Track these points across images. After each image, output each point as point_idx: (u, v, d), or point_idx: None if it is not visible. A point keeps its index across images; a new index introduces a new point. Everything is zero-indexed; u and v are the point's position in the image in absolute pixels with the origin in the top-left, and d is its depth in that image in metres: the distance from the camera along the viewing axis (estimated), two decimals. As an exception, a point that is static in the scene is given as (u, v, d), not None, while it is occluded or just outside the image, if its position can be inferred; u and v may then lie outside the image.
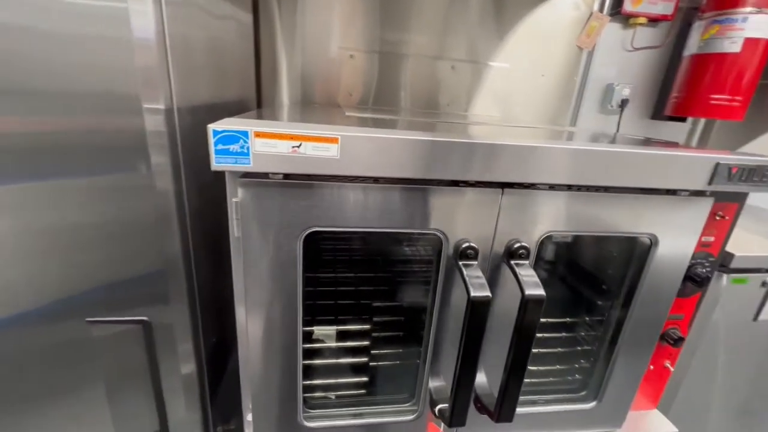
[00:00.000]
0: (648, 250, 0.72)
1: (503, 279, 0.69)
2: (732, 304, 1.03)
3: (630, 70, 1.58)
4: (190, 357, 0.81)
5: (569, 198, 0.65)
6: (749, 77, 1.34)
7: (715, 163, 0.64)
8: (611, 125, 1.63)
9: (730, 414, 1.25)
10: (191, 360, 0.81)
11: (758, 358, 1.16)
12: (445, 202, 0.62)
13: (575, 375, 0.91)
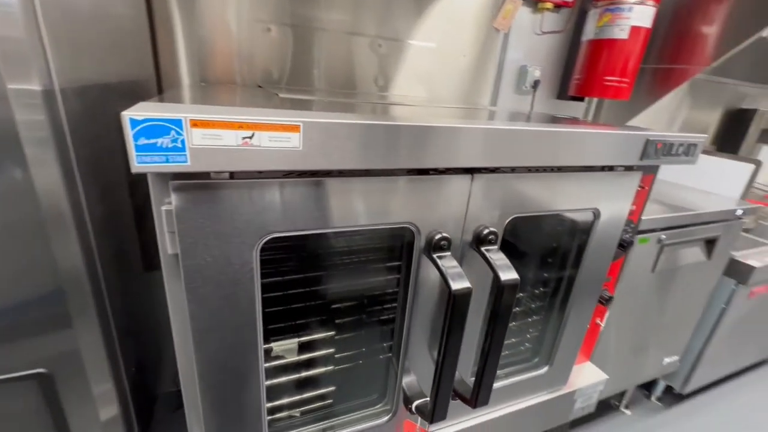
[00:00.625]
0: (592, 222, 0.77)
1: (470, 265, 0.68)
2: (638, 260, 1.20)
3: (539, 53, 1.70)
4: (109, 398, 0.66)
5: (529, 180, 0.66)
6: (634, 61, 1.54)
7: (645, 140, 0.71)
8: (525, 104, 1.75)
9: (630, 351, 1.48)
10: (112, 401, 0.66)
11: (652, 302, 1.38)
12: (418, 192, 0.57)
13: (526, 345, 0.96)
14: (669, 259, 1.28)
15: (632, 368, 1.55)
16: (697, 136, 0.77)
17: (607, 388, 1.55)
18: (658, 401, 1.86)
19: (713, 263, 1.43)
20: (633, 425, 1.72)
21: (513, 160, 0.61)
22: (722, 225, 1.34)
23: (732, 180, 1.53)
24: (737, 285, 1.52)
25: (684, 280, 1.39)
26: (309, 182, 0.50)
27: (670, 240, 1.23)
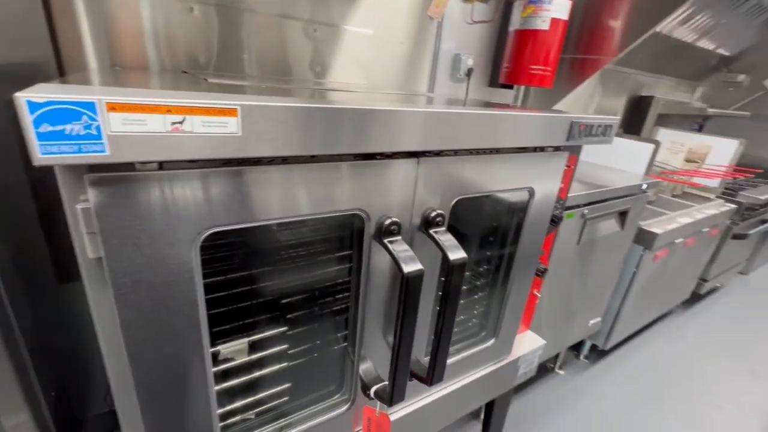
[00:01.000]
0: (528, 201, 0.82)
1: (420, 248, 0.69)
2: (565, 234, 1.32)
3: (471, 42, 1.76)
4: (26, 429, 0.58)
5: (471, 162, 0.68)
6: (555, 51, 1.66)
7: (570, 122, 0.77)
8: (461, 92, 1.81)
9: (561, 316, 1.64)
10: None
11: (578, 271, 1.53)
12: (366, 178, 0.57)
13: (475, 320, 1.01)
14: (591, 231, 1.43)
15: (564, 332, 1.72)
16: (612, 118, 0.85)
17: (544, 353, 1.71)
18: (585, 359, 2.08)
19: (625, 233, 1.63)
20: (566, 383, 1.91)
21: (456, 143, 0.62)
22: (632, 198, 1.52)
23: (637, 159, 1.74)
24: (644, 250, 1.75)
25: (603, 249, 1.56)
26: (251, 171, 0.47)
27: (591, 214, 1.36)
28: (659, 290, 2.09)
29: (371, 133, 0.52)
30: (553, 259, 1.34)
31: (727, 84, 3.08)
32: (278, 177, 0.49)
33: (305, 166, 0.51)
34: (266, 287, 0.70)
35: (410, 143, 0.57)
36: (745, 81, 3.00)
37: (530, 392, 1.83)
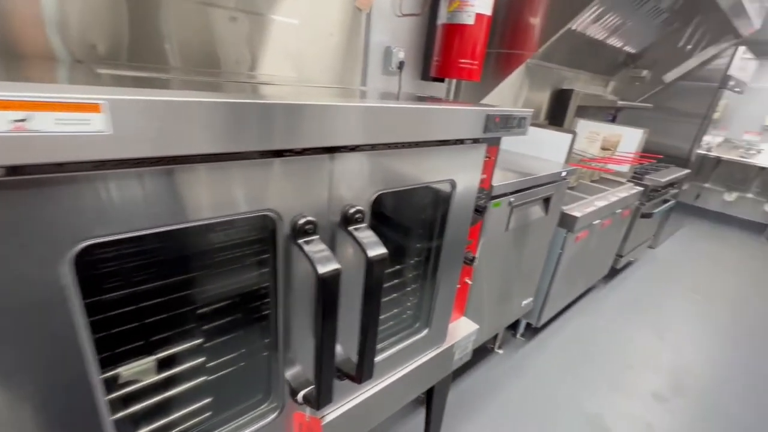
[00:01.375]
0: (450, 193, 0.84)
1: (340, 245, 0.68)
2: (494, 222, 1.39)
3: (402, 35, 1.77)
4: None
5: (390, 156, 0.68)
6: (481, 46, 1.72)
7: (486, 115, 0.79)
8: (393, 85, 1.82)
9: (497, 299, 1.73)
10: None
11: (509, 255, 1.62)
12: (274, 176, 0.53)
13: (408, 312, 1.03)
14: (518, 218, 1.51)
15: (501, 314, 1.81)
16: (525, 110, 0.90)
17: (483, 335, 1.80)
18: (522, 337, 2.22)
19: (550, 217, 1.74)
20: (504, 362, 2.03)
21: (372, 138, 0.61)
22: (553, 185, 1.63)
23: (558, 148, 1.87)
24: (567, 233, 1.89)
25: (530, 234, 1.66)
26: (131, 174, 0.42)
27: (517, 202, 1.44)
28: (582, 268, 2.29)
29: (277, 129, 0.49)
30: (483, 247, 1.40)
31: (633, 79, 3.41)
32: (166, 179, 0.45)
33: (199, 167, 0.47)
34: (176, 298, 0.65)
35: (322, 138, 0.55)
36: (648, 76, 3.35)
37: (473, 373, 1.91)
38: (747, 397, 1.95)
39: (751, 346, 2.38)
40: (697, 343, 2.34)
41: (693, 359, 2.20)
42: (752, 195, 4.65)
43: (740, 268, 3.54)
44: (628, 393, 1.89)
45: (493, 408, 1.73)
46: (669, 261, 3.50)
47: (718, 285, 3.15)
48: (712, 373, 2.10)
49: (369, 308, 0.64)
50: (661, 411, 1.81)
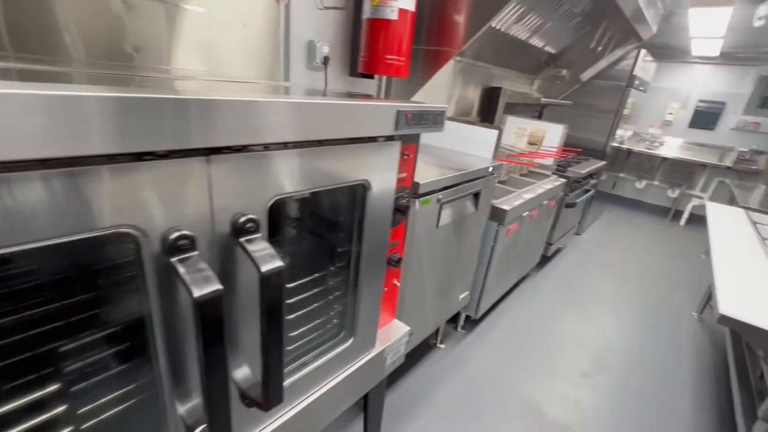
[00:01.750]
0: (365, 194, 0.79)
1: (238, 259, 0.60)
2: (423, 220, 1.37)
3: (326, 29, 1.70)
4: None
5: (289, 157, 0.61)
6: (406, 42, 1.70)
7: (396, 111, 0.75)
8: (319, 81, 1.74)
9: (435, 295, 1.73)
10: None
11: (443, 252, 1.63)
12: (133, 186, 0.44)
13: (333, 321, 0.97)
14: (448, 214, 1.51)
15: (440, 309, 1.82)
16: (440, 106, 0.87)
17: (424, 331, 1.80)
18: (462, 330, 2.27)
19: (480, 212, 1.78)
20: (447, 355, 2.05)
21: (261, 137, 0.54)
22: (482, 181, 1.66)
23: (487, 144, 1.91)
24: (498, 226, 1.95)
25: (462, 229, 1.68)
26: None
27: (446, 199, 1.44)
28: (515, 258, 2.39)
29: (133, 128, 0.41)
30: (415, 244, 1.38)
31: (555, 77, 3.64)
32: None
33: (30, 175, 0.37)
34: (23, 339, 0.53)
35: (196, 138, 0.47)
36: (567, 75, 3.59)
37: (416, 370, 1.91)
38: (654, 369, 2.15)
39: (656, 319, 2.64)
40: (615, 321, 2.56)
41: (613, 336, 2.39)
42: (657, 182, 5.21)
43: (649, 249, 3.95)
44: (559, 374, 2.01)
45: (436, 404, 1.73)
46: (592, 246, 3.80)
47: (631, 265, 3.47)
48: (627, 348, 2.29)
49: (269, 328, 0.57)
50: (586, 387, 1.94)
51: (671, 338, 2.44)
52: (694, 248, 4.12)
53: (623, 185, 5.57)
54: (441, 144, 2.02)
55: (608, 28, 3.05)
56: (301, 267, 0.91)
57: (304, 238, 0.91)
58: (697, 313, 2.73)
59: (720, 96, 4.73)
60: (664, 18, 3.32)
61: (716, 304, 1.19)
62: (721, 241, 1.80)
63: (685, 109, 4.97)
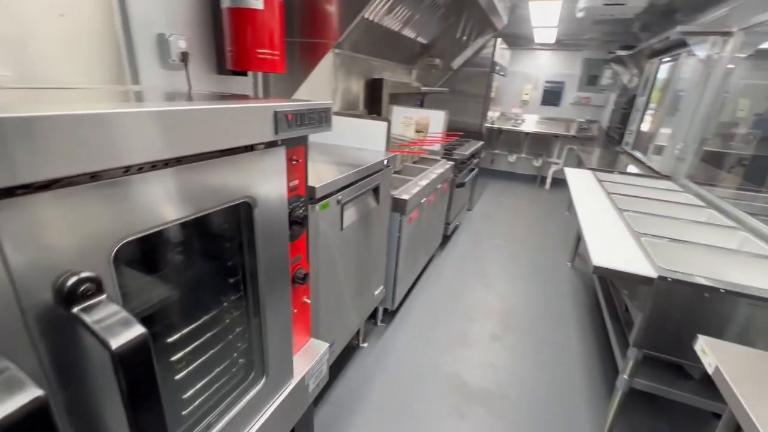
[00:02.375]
0: (251, 212, 0.67)
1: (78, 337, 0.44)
2: (326, 225, 1.29)
3: (180, 20, 1.45)
4: None
5: (140, 184, 0.46)
6: (278, 33, 1.56)
7: (274, 112, 0.65)
8: (180, 82, 1.49)
9: (351, 298, 1.67)
10: None
11: (352, 253, 1.57)
12: None
13: (239, 362, 0.83)
14: (351, 214, 1.45)
15: (358, 309, 1.77)
16: (325, 103, 0.79)
17: (346, 337, 1.73)
18: (382, 323, 2.26)
19: (382, 205, 1.76)
20: (371, 353, 2.03)
21: (84, 164, 0.39)
22: (379, 174, 1.64)
23: (378, 136, 1.90)
24: (401, 216, 1.96)
25: (368, 225, 1.64)
26: None
27: (346, 198, 1.37)
28: (420, 243, 2.46)
29: None
30: (322, 252, 1.29)
31: (430, 66, 3.85)
32: None
33: None
34: None
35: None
36: (441, 64, 3.83)
37: (344, 376, 1.83)
38: (544, 316, 2.47)
39: (541, 274, 3.04)
40: (510, 283, 2.86)
41: (511, 297, 2.66)
42: (524, 155, 6.00)
43: (526, 213, 4.53)
44: (474, 344, 2.15)
45: (369, 405, 1.69)
46: (482, 218, 4.18)
47: (515, 229, 3.93)
48: (523, 304, 2.58)
49: (139, 413, 0.42)
50: (499, 349, 2.11)
51: (554, 288, 2.82)
52: (559, 207, 4.85)
53: (499, 160, 6.27)
54: (331, 141, 1.94)
55: (469, 19, 3.31)
56: (187, 311, 0.75)
57: (186, 272, 0.74)
58: (570, 263, 3.22)
59: (560, 77, 5.62)
60: (511, 10, 3.76)
61: (589, 258, 1.37)
62: (581, 201, 2.11)
63: (537, 90, 5.78)
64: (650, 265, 1.32)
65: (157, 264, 0.70)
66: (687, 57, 3.05)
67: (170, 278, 0.75)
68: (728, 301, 1.19)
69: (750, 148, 2.55)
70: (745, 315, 1.19)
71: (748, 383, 0.77)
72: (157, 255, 0.71)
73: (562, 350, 2.14)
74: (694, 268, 1.48)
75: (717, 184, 2.54)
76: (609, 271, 1.32)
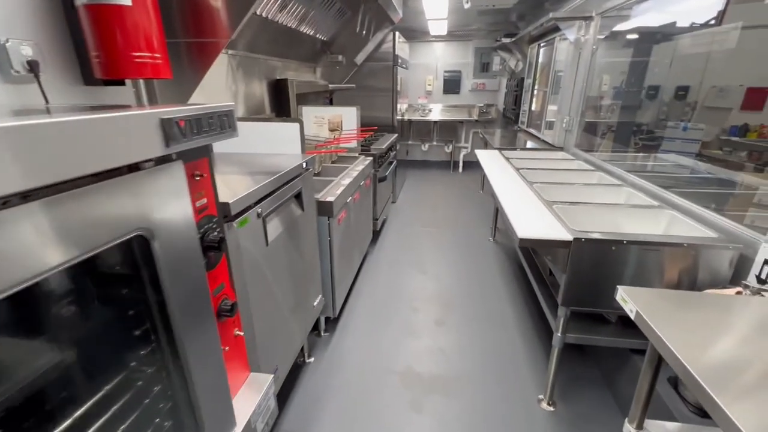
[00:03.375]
0: (149, 247, 0.54)
1: None
2: (249, 243, 1.15)
3: (20, 22, 1.17)
4: None
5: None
6: (157, 33, 1.35)
7: (159, 120, 0.53)
8: (33, 96, 1.21)
9: (290, 315, 1.55)
10: None
11: (283, 268, 1.44)
12: None
13: (166, 425, 0.68)
14: (275, 225, 1.33)
15: (300, 326, 1.65)
16: (224, 105, 0.68)
17: (290, 358, 1.60)
18: (326, 332, 2.16)
19: (308, 212, 1.66)
20: (318, 367, 1.92)
21: None
22: (299, 179, 1.53)
23: (291, 139, 1.78)
24: (329, 219, 1.88)
25: (296, 234, 1.53)
26: None
27: (267, 209, 1.25)
28: (353, 243, 2.41)
29: None
30: (250, 274, 1.15)
31: (333, 63, 3.78)
32: None
33: None
34: None
35: None
36: (344, 60, 3.78)
37: (293, 400, 1.70)
38: (479, 292, 2.61)
39: (468, 252, 3.21)
40: (443, 265, 2.95)
41: (446, 279, 2.75)
42: (436, 143, 6.28)
43: (445, 197, 4.74)
44: (420, 333, 2.17)
45: (324, 423, 1.59)
46: (407, 208, 4.27)
47: (437, 213, 4.09)
48: (458, 284, 2.69)
49: None
50: (444, 333, 2.16)
51: (482, 263, 2.99)
52: (472, 187, 5.18)
53: (413, 150, 6.47)
54: (241, 149, 1.77)
55: (366, 13, 3.30)
56: (81, 384, 0.58)
57: (73, 333, 0.58)
58: (492, 238, 3.44)
59: (456, 66, 5.97)
60: (405, 3, 3.85)
61: (514, 232, 1.45)
62: (496, 180, 2.24)
63: (438, 80, 6.06)
64: (565, 229, 1.43)
65: (31, 327, 0.53)
66: (560, 41, 3.44)
67: (53, 343, 0.58)
68: (630, 250, 1.35)
69: (615, 116, 2.98)
70: (642, 258, 1.36)
71: (662, 320, 0.87)
72: (29, 316, 0.54)
73: (500, 321, 2.27)
74: (598, 225, 1.66)
75: (598, 149, 2.92)
76: (533, 241, 1.40)
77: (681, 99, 2.29)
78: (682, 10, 2.24)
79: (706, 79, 2.11)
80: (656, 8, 2.39)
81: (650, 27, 2.51)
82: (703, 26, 2.11)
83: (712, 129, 2.07)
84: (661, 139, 2.33)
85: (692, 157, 2.09)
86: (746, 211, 1.54)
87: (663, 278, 1.37)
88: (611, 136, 2.99)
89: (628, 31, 2.72)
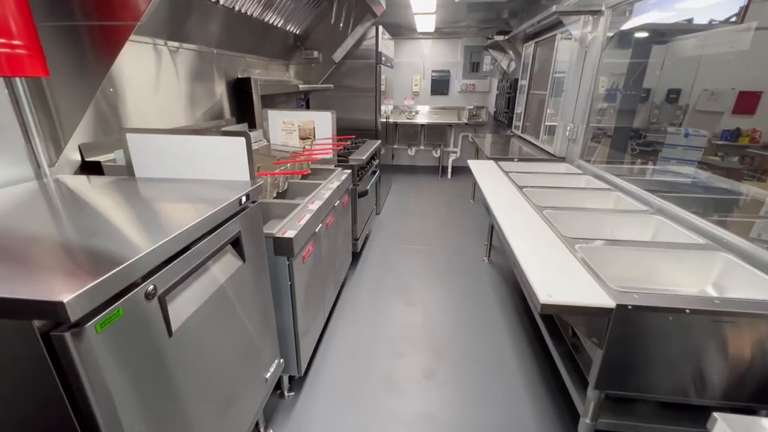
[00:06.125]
0: None
1: None
2: (127, 344, 0.73)
3: None
4: None
5: None
6: (15, 13, 0.92)
7: None
8: None
9: (226, 404, 1.13)
10: None
11: (210, 353, 1.03)
12: None
13: None
14: (189, 301, 0.90)
15: (244, 409, 1.23)
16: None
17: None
18: (290, 394, 1.75)
19: (254, 259, 1.24)
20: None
21: None
22: (237, 220, 1.11)
23: (238, 157, 1.34)
24: (290, 259, 1.46)
25: (233, 296, 1.11)
26: None
27: (169, 281, 0.82)
28: (324, 278, 1.99)
29: None
30: (124, 395, 0.73)
31: (309, 61, 3.35)
32: None
33: None
34: None
35: None
36: (320, 57, 3.35)
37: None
38: (474, 327, 2.22)
39: (462, 277, 2.82)
40: (433, 294, 2.56)
41: (437, 314, 2.35)
42: (423, 147, 5.89)
43: (433, 205, 4.36)
44: (407, 388, 1.76)
45: None
46: (392, 221, 3.87)
47: (426, 226, 3.70)
48: (450, 323, 2.29)
49: None
50: (435, 388, 1.77)
51: (477, 290, 2.61)
52: (463, 195, 4.81)
53: (399, 155, 6.08)
54: (173, 172, 1.32)
55: (343, 3, 2.88)
56: None
57: None
58: (487, 258, 3.07)
59: (445, 65, 5.59)
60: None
61: (534, 295, 1.07)
62: (497, 203, 1.86)
63: (425, 80, 5.68)
64: (603, 289, 1.06)
65: None
66: (562, 39, 3.08)
67: None
68: (693, 322, 0.98)
69: (628, 122, 2.63)
70: (710, 330, 1.00)
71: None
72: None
73: (503, 370, 1.89)
74: (633, 271, 1.28)
75: (612, 161, 2.57)
76: (560, 307, 1.02)
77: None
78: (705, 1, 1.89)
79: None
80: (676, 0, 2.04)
81: (668, 24, 2.16)
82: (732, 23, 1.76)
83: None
84: (701, 149, 1.88)
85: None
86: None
87: (740, 358, 1.01)
88: (621, 145, 2.63)
89: (637, 29, 2.36)
